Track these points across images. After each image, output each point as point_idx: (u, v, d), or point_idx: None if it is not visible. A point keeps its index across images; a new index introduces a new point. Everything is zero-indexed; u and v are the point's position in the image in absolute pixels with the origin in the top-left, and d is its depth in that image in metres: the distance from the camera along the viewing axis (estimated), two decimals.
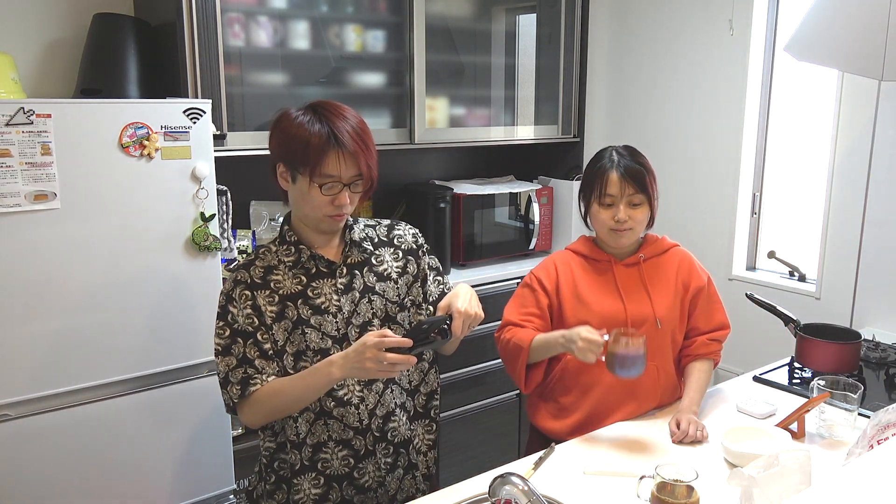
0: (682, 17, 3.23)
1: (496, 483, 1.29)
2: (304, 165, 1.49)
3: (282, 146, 1.53)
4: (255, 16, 2.50)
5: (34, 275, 1.91)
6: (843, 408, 1.75)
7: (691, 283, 1.94)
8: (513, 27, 3.20)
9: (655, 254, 1.96)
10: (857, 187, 2.73)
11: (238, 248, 2.65)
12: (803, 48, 2.25)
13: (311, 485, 1.60)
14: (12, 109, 1.83)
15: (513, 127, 3.21)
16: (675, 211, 3.32)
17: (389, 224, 1.73)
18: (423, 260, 1.72)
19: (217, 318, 1.57)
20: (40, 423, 1.97)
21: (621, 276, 1.91)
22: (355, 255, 1.62)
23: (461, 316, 1.50)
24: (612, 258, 1.93)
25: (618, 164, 1.86)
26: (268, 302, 1.54)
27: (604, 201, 1.86)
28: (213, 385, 2.22)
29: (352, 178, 1.52)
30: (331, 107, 1.53)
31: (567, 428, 1.90)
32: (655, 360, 1.87)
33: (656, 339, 1.86)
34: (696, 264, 1.98)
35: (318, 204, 1.52)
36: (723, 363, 3.23)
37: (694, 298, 1.94)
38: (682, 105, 3.27)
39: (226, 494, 2.30)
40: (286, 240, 1.60)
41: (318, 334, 1.56)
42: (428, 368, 1.72)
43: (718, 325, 1.98)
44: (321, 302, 1.57)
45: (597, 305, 1.88)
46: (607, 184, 1.85)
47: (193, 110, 2.09)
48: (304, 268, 1.58)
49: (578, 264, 1.95)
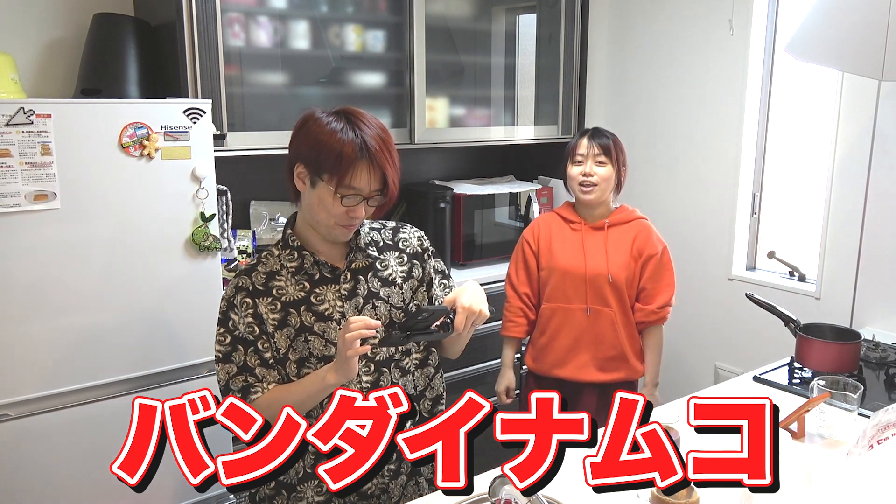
0: (682, 18, 3.23)
1: (496, 483, 1.29)
2: (330, 173, 1.45)
3: (309, 149, 1.48)
4: (255, 16, 2.50)
5: (34, 275, 1.91)
6: (843, 408, 1.75)
7: (645, 250, 2.30)
8: (513, 27, 3.20)
9: (620, 222, 2.32)
10: (857, 187, 2.72)
11: (238, 248, 2.66)
12: (803, 48, 2.25)
13: (314, 492, 1.59)
14: (12, 109, 1.83)
15: (513, 127, 3.21)
16: (675, 211, 3.32)
17: (395, 227, 1.70)
18: (429, 263, 1.69)
19: (218, 324, 1.55)
20: (40, 423, 1.97)
21: (587, 238, 2.31)
22: (360, 261, 1.59)
23: (465, 311, 1.46)
24: (584, 221, 2.33)
25: (589, 134, 2.29)
26: (270, 309, 1.52)
27: (575, 160, 2.27)
28: (213, 385, 2.22)
29: (374, 192, 1.49)
30: (363, 117, 1.51)
31: (546, 366, 2.35)
32: (611, 307, 2.28)
33: (607, 290, 2.28)
34: (654, 235, 2.33)
35: (334, 213, 1.48)
36: (723, 363, 3.26)
37: (645, 263, 2.30)
38: (682, 105, 3.27)
39: (226, 494, 2.30)
40: (289, 244, 1.57)
41: (322, 341, 1.53)
42: (433, 373, 1.70)
43: (667, 293, 2.32)
44: (325, 308, 1.54)
45: (563, 259, 2.31)
46: (577, 146, 2.28)
47: (193, 110, 2.09)
48: (308, 273, 1.55)
49: (557, 224, 2.37)
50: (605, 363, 2.31)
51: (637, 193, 3.31)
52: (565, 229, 2.34)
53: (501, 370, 2.42)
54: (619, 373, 2.33)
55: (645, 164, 3.37)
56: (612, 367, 2.31)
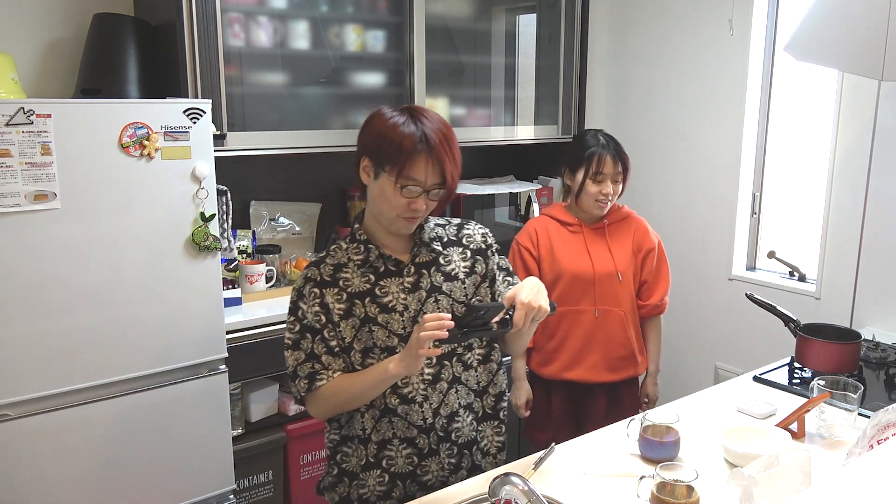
0: (681, 17, 3.23)
1: (496, 483, 1.29)
2: (391, 164, 1.50)
3: (373, 141, 1.54)
4: (255, 16, 2.50)
5: (34, 275, 1.91)
6: (843, 408, 1.75)
7: (644, 245, 2.35)
8: (513, 27, 3.20)
9: (617, 219, 2.36)
10: (857, 187, 2.73)
11: (238, 248, 2.66)
12: (803, 48, 2.25)
13: (377, 482, 1.63)
14: (12, 109, 1.83)
15: (513, 127, 3.21)
16: (675, 211, 3.32)
17: (459, 223, 1.75)
18: (492, 260, 1.72)
19: (288, 312, 1.62)
20: (40, 423, 1.97)
21: (589, 238, 2.32)
22: (424, 255, 1.64)
23: (524, 307, 1.47)
24: (583, 223, 2.33)
25: (609, 147, 2.25)
26: (336, 299, 1.58)
27: (596, 177, 2.24)
28: (214, 385, 2.23)
29: (433, 185, 1.53)
30: (426, 113, 1.56)
31: (555, 370, 2.33)
32: (622, 307, 2.31)
33: (619, 290, 2.30)
34: (650, 229, 2.39)
35: (395, 204, 1.53)
36: (723, 363, 3.26)
37: (645, 257, 2.35)
38: (682, 105, 3.27)
39: (226, 494, 2.30)
40: (356, 238, 1.63)
41: (385, 332, 1.58)
42: (497, 369, 1.71)
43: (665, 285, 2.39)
44: (388, 300, 1.59)
45: (568, 262, 2.29)
46: (603, 164, 2.23)
47: (193, 110, 2.09)
48: (373, 266, 1.60)
49: (554, 228, 2.34)
50: (616, 363, 2.33)
51: (637, 193, 3.31)
52: (563, 232, 2.33)
53: (515, 382, 2.37)
54: (628, 371, 2.35)
55: (645, 164, 3.37)
56: (622, 366, 2.34)
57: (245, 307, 2.52)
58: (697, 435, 1.77)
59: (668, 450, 1.65)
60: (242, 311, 2.47)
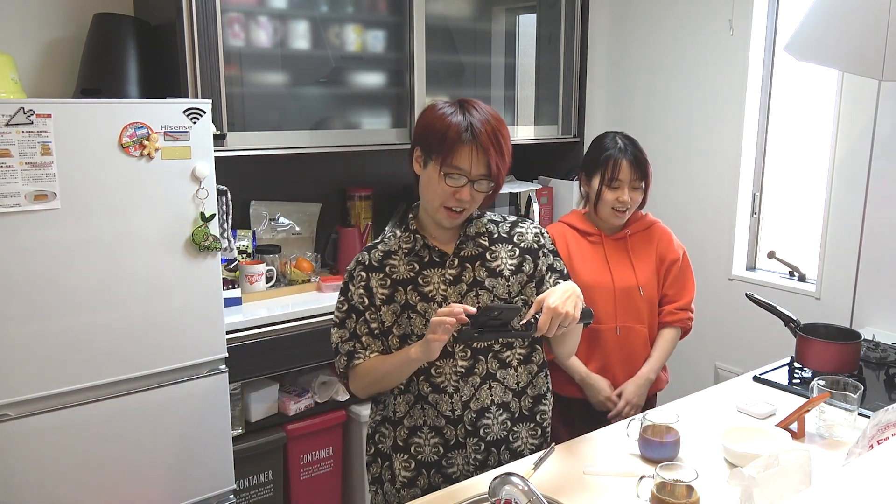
0: (681, 17, 3.23)
1: (496, 483, 1.29)
2: (437, 153, 1.54)
3: (422, 131, 1.59)
4: (255, 16, 2.50)
5: (34, 275, 1.91)
6: (843, 408, 1.75)
7: (667, 256, 2.19)
8: (513, 27, 3.20)
9: (639, 229, 2.20)
10: (857, 187, 2.73)
11: (238, 248, 2.66)
12: (803, 48, 2.25)
13: (402, 466, 1.66)
14: (12, 109, 1.83)
15: (513, 127, 3.20)
16: (675, 211, 3.32)
17: (514, 221, 1.75)
18: (543, 260, 1.70)
19: (339, 292, 1.69)
20: (40, 423, 1.97)
21: (610, 249, 2.16)
22: (469, 249, 1.65)
23: (549, 312, 1.43)
24: (602, 233, 2.17)
25: (626, 151, 2.09)
26: (380, 284, 1.63)
27: (612, 184, 2.08)
28: (214, 385, 2.23)
29: (479, 176, 1.55)
30: (477, 105, 1.60)
31: (571, 390, 2.16)
32: (644, 323, 2.16)
33: (640, 304, 2.15)
34: (674, 240, 2.23)
35: (439, 192, 1.56)
36: (723, 363, 3.26)
37: (668, 269, 2.19)
38: (682, 105, 3.27)
39: (226, 494, 2.30)
40: (408, 227, 1.67)
41: (423, 320, 1.61)
42: (537, 371, 1.71)
43: (688, 296, 2.21)
44: (429, 290, 1.62)
45: (587, 275, 2.12)
46: (619, 169, 2.08)
47: (193, 110, 2.09)
48: (418, 256, 1.64)
49: (572, 237, 2.18)
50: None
51: None
52: (583, 242, 2.17)
53: (584, 383, 2.16)
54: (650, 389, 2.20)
55: None
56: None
57: (245, 307, 2.52)
58: (697, 435, 1.77)
59: (668, 450, 1.65)
60: (242, 311, 2.47)
